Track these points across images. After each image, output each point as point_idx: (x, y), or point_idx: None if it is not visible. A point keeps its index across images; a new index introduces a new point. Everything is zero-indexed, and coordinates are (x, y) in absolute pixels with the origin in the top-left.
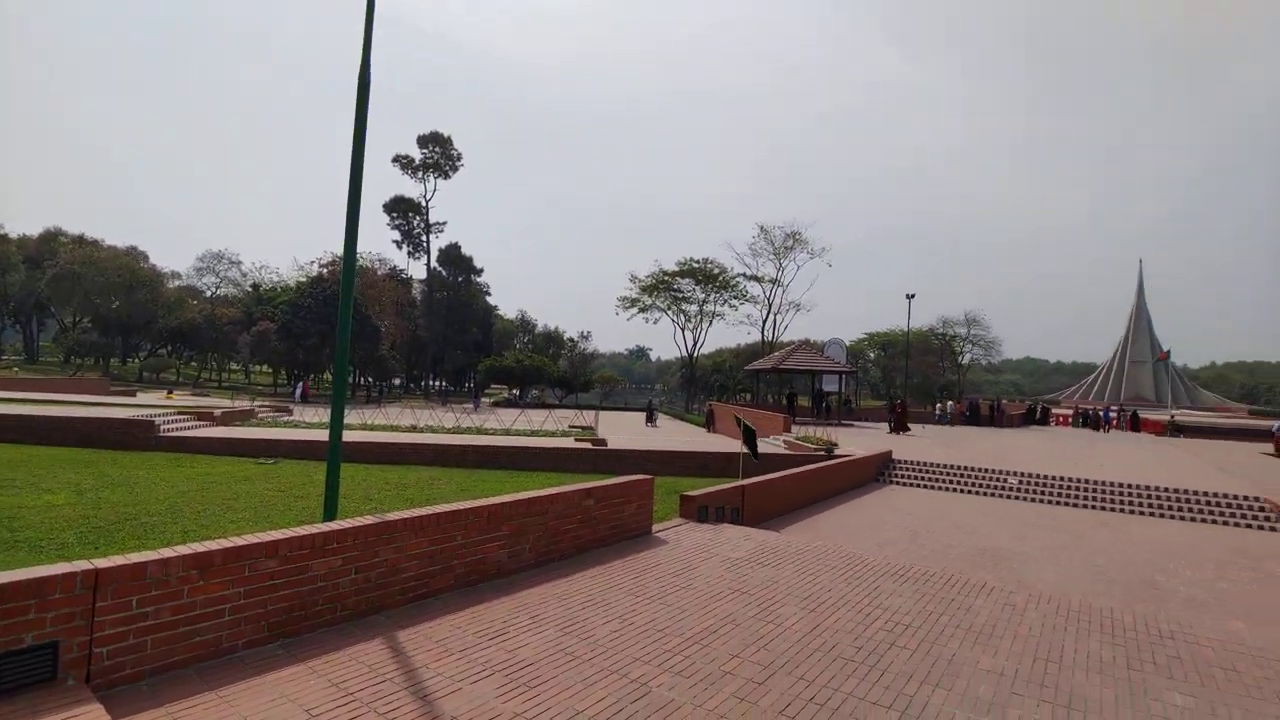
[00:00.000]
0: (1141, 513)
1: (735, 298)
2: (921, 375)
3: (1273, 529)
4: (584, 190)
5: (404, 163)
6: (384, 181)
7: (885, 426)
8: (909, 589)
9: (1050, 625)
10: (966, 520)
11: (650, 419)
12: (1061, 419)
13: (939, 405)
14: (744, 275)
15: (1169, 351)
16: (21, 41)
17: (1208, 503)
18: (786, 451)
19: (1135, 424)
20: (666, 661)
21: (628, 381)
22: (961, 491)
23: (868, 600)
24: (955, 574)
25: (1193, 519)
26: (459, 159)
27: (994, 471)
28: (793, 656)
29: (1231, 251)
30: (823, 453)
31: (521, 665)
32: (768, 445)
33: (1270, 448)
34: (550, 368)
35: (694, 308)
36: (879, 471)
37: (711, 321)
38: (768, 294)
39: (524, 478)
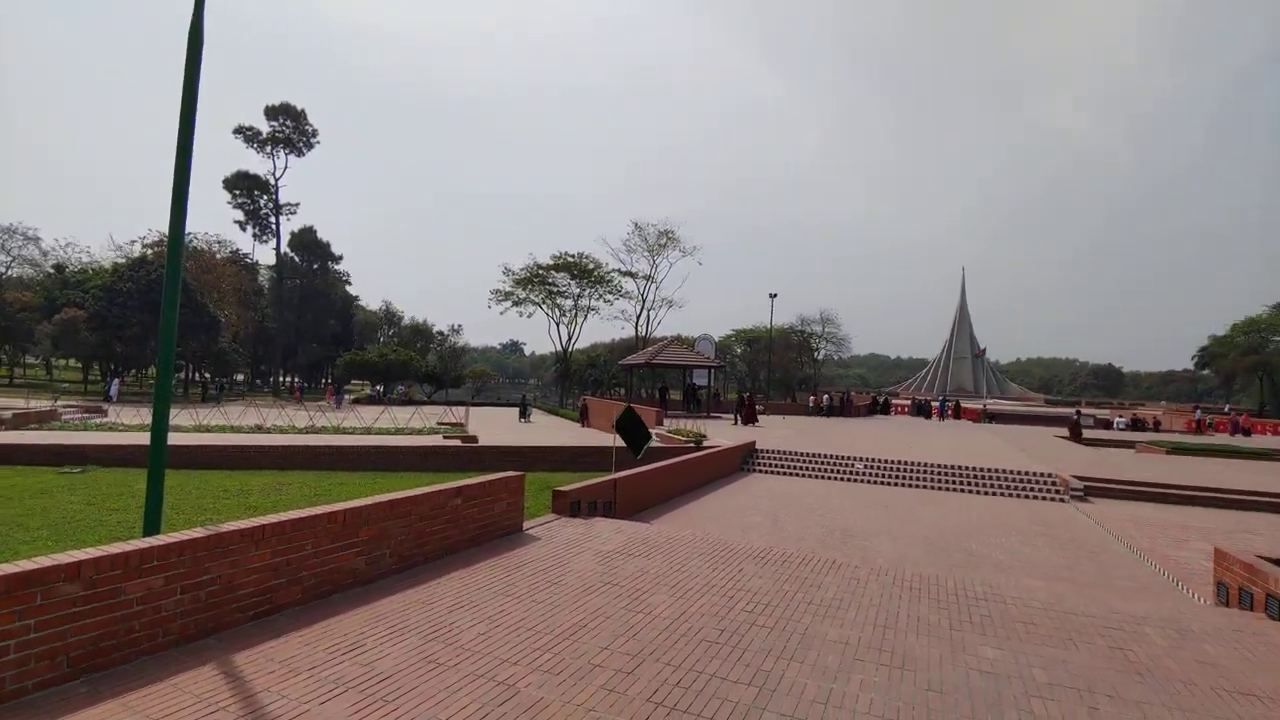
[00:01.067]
0: (962, 490)
1: (610, 293)
2: (783, 370)
3: (1062, 500)
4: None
5: (249, 135)
6: (227, 156)
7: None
8: (768, 570)
9: (887, 595)
10: (820, 503)
11: (524, 415)
12: (900, 408)
13: (813, 397)
14: (619, 271)
15: (984, 349)
16: None
17: (1012, 479)
18: (659, 444)
19: (957, 412)
20: (536, 660)
21: (501, 376)
22: (816, 477)
23: (731, 583)
24: (809, 554)
25: (1001, 494)
26: (314, 135)
27: (844, 458)
28: (660, 644)
29: (1033, 263)
30: (693, 445)
31: (379, 679)
32: None
33: (1064, 431)
34: (418, 362)
35: (569, 302)
36: (744, 461)
37: (586, 316)
38: (642, 290)
39: (387, 479)
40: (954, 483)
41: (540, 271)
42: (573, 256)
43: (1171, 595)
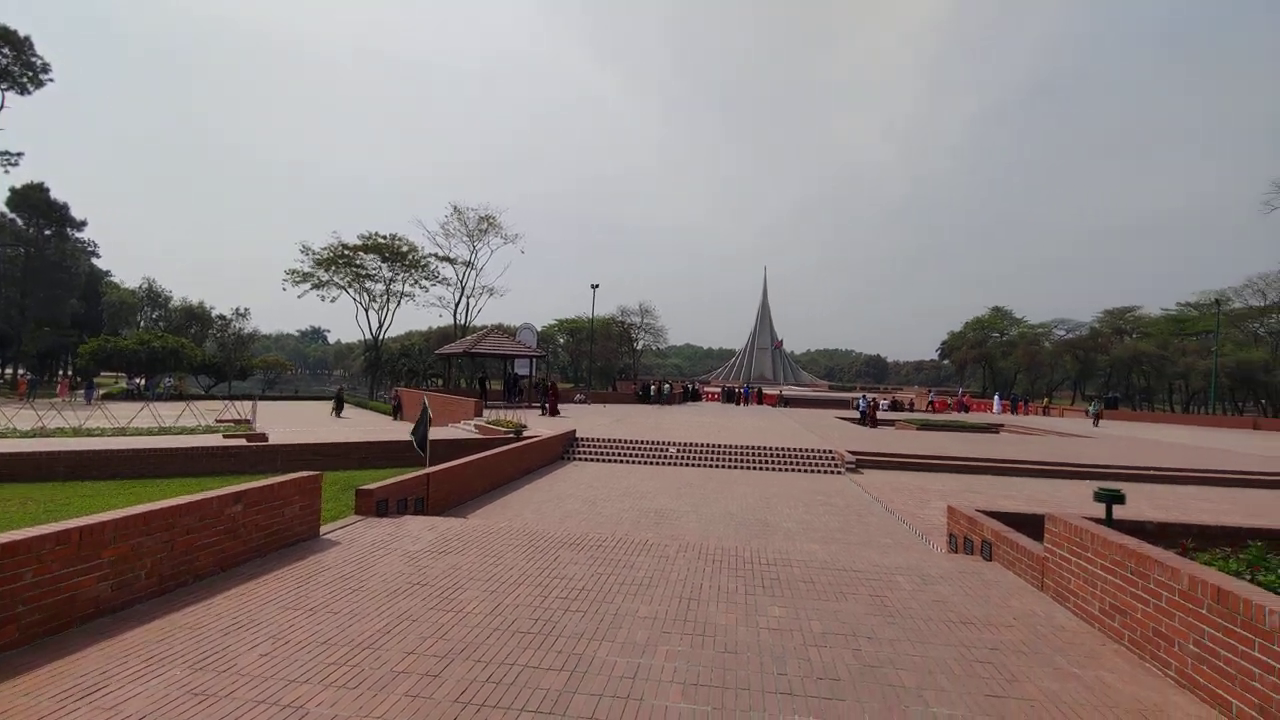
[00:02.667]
0: (761, 468)
1: (426, 278)
2: (604, 359)
3: (840, 473)
4: (244, 141)
5: None
6: None
7: (575, 408)
8: (584, 556)
9: (693, 569)
10: (637, 487)
11: (338, 409)
12: (711, 395)
13: (646, 385)
14: (436, 255)
15: (782, 341)
16: None
17: (801, 457)
18: (478, 436)
19: (760, 398)
20: (330, 675)
21: (300, 367)
22: (634, 462)
23: (547, 572)
24: (625, 536)
25: (793, 470)
26: (43, 70)
27: (658, 443)
28: (472, 641)
29: (823, 264)
30: (512, 435)
31: None
32: (459, 430)
33: (845, 413)
34: (191, 351)
35: (379, 286)
36: (565, 449)
37: (400, 302)
38: (461, 276)
39: (148, 487)
40: (754, 462)
41: (346, 252)
42: (384, 238)
43: (918, 547)
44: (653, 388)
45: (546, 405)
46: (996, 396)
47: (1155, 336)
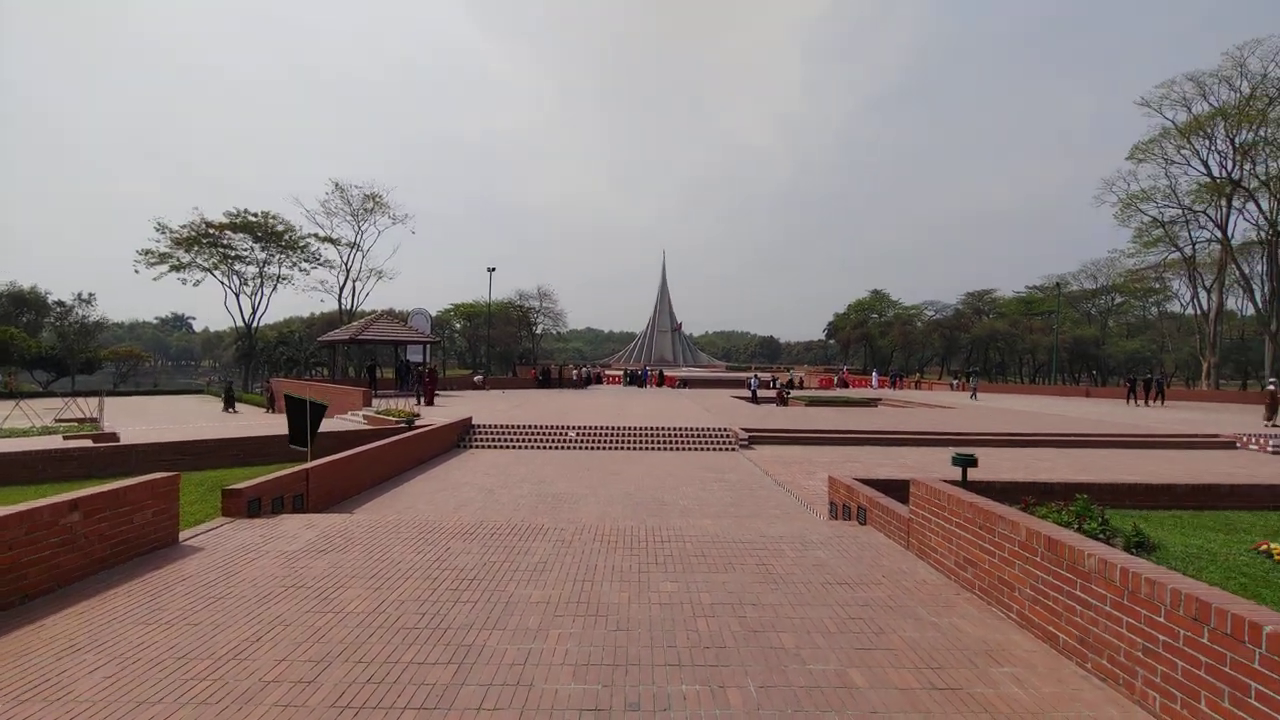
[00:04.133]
0: (659, 449)
1: (306, 260)
2: (503, 344)
3: (734, 449)
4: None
5: None
6: None
7: (473, 394)
8: (477, 545)
9: (590, 550)
10: (535, 472)
11: (229, 404)
12: (613, 378)
13: (553, 368)
14: (316, 236)
15: (681, 324)
16: None
17: (698, 435)
18: (367, 427)
19: (660, 380)
20: (188, 692)
21: (159, 358)
22: (532, 448)
23: (437, 564)
24: (520, 522)
25: (690, 449)
26: None
27: (557, 427)
28: (352, 642)
29: (719, 247)
30: (404, 425)
31: None
32: (345, 421)
33: (741, 392)
34: (24, 341)
35: (252, 269)
36: (461, 437)
37: (276, 286)
38: (345, 258)
39: None
40: (653, 443)
41: (211, 231)
42: (255, 215)
43: (802, 516)
44: (585, 370)
45: (422, 394)
46: (875, 373)
47: (1008, 316)
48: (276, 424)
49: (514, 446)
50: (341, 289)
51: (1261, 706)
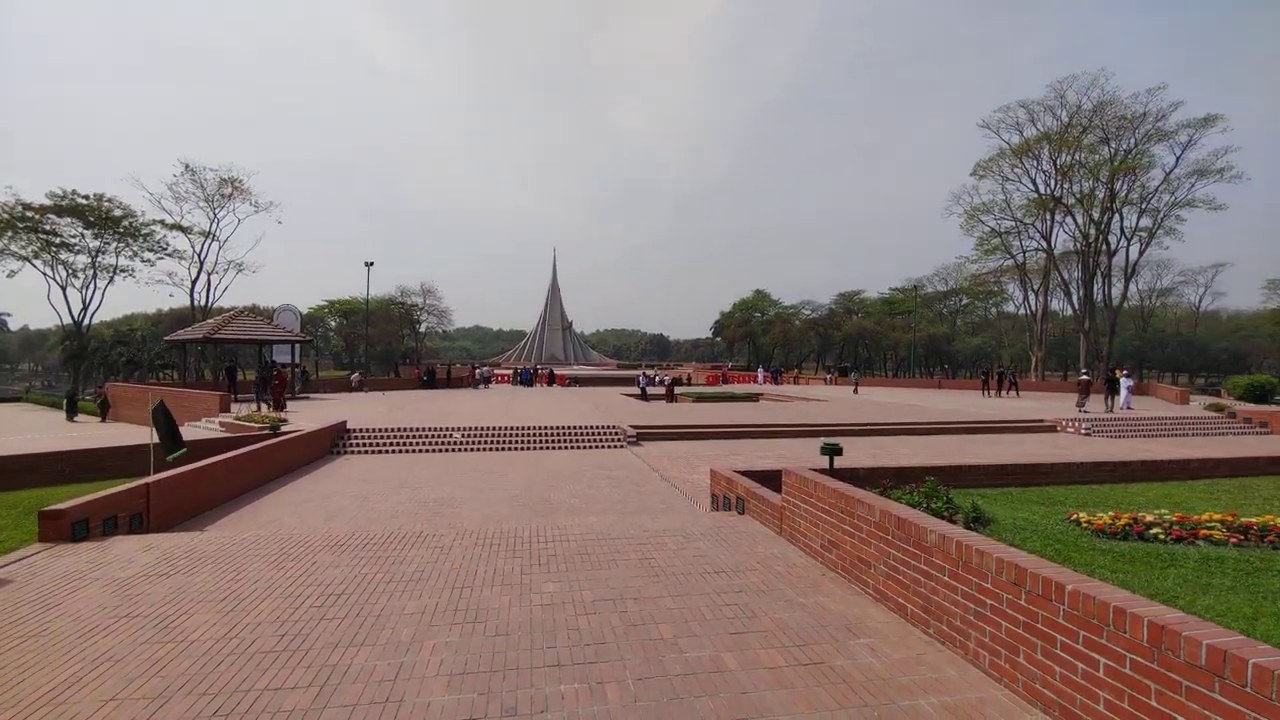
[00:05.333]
0: (548, 448)
1: (150, 250)
2: (384, 343)
3: (621, 447)
4: None
5: None
6: None
7: (349, 396)
8: (347, 558)
9: (470, 556)
10: (415, 477)
11: (72, 413)
12: (502, 378)
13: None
14: (163, 223)
15: (572, 322)
16: None
17: (587, 433)
18: (224, 434)
19: (551, 379)
20: None
21: None
22: (413, 451)
23: (301, 581)
24: (397, 531)
25: (579, 447)
26: None
27: (440, 429)
28: (197, 673)
29: (609, 245)
30: (268, 431)
31: None
32: (199, 429)
33: (632, 390)
34: None
35: (82, 258)
36: (334, 443)
37: (113, 279)
38: (198, 249)
39: None
40: (541, 442)
41: (29, 214)
42: (85, 198)
43: (686, 509)
44: (484, 371)
45: (268, 398)
46: (760, 369)
47: (874, 315)
48: (114, 435)
49: (393, 451)
50: (194, 283)
51: (1065, 656)
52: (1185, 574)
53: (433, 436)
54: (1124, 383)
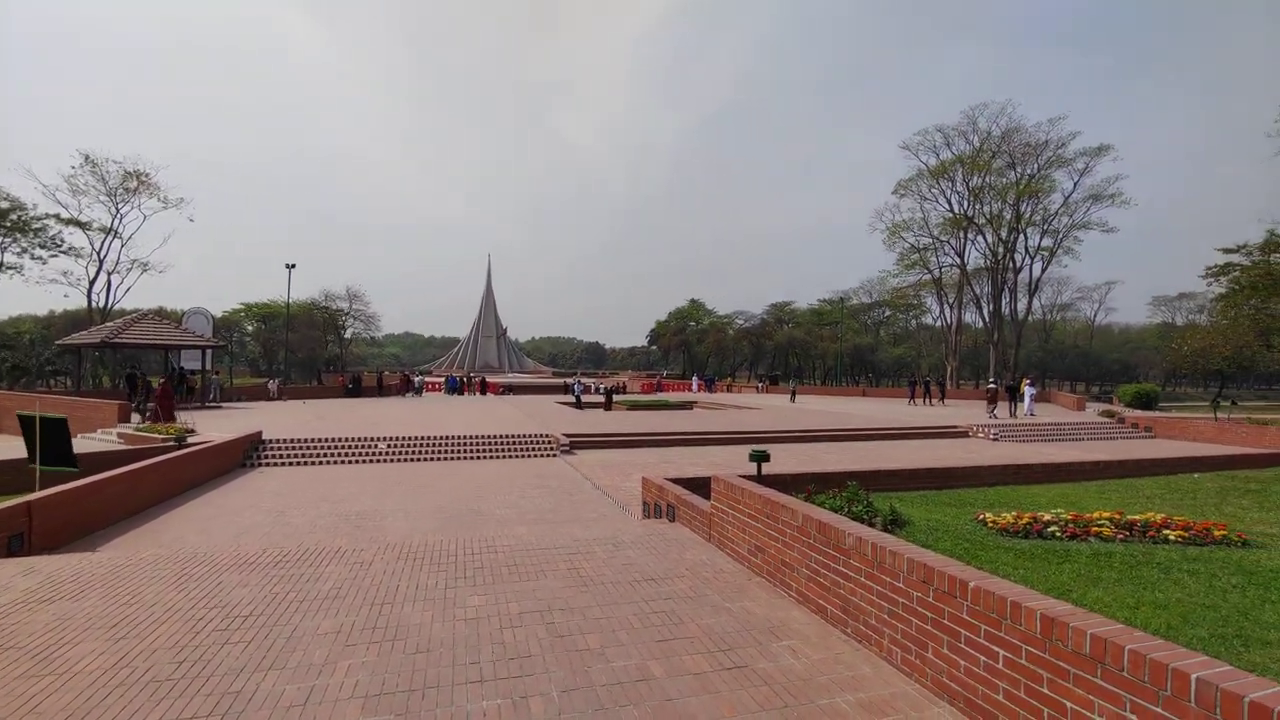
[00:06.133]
0: (479, 457)
1: (42, 246)
2: (307, 349)
3: (554, 455)
4: None
5: None
6: None
7: (266, 405)
8: (257, 577)
9: (392, 571)
10: (336, 490)
11: None
12: (434, 386)
13: (364, 376)
14: (58, 217)
15: (506, 329)
16: None
17: (520, 442)
18: (123, 446)
19: (484, 387)
20: None
21: None
22: (335, 463)
23: (204, 603)
24: (314, 546)
25: (511, 456)
26: None
27: (365, 439)
28: (80, 707)
29: (547, 253)
30: (174, 442)
31: None
32: (95, 441)
33: (567, 399)
34: None
35: None
36: (247, 454)
37: None
38: (98, 246)
39: None
40: (472, 452)
41: None
42: None
43: (618, 518)
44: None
45: (150, 409)
46: (695, 377)
47: (803, 325)
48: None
49: (313, 463)
50: (92, 283)
51: (969, 649)
52: (1079, 569)
53: (357, 447)
54: (1028, 391)
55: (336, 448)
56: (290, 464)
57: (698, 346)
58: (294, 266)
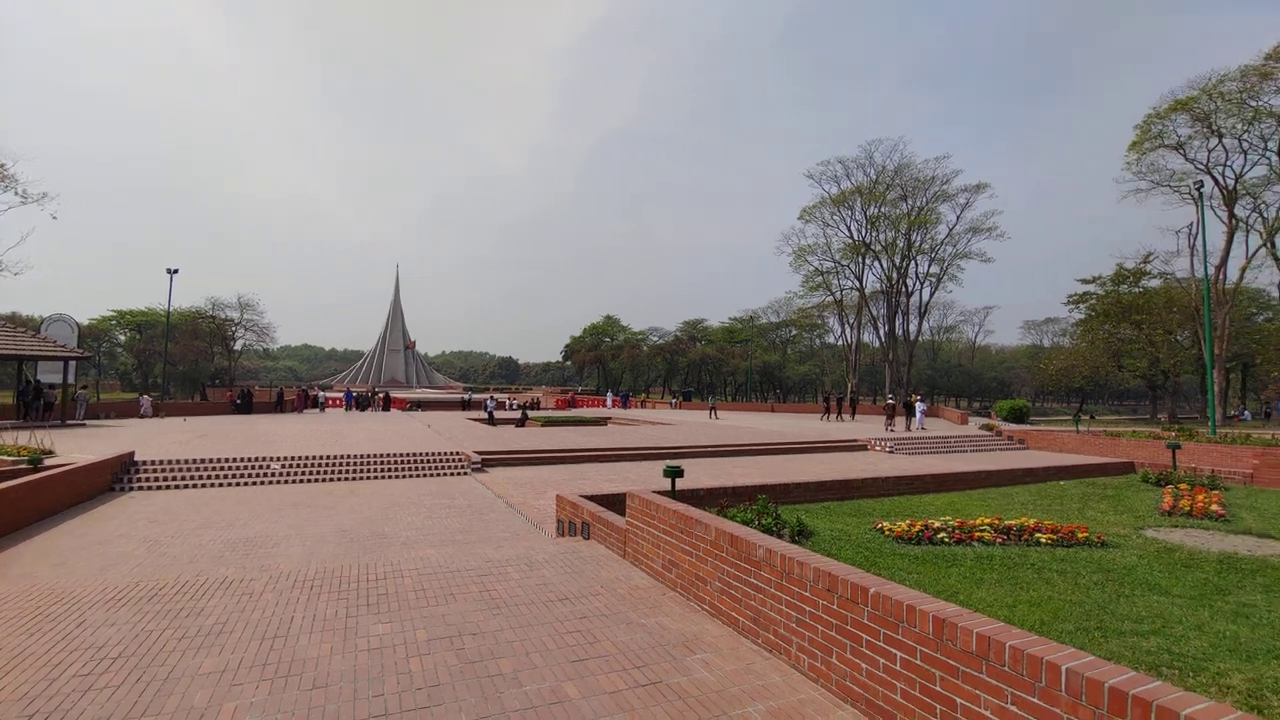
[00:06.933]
0: (383, 477)
1: None
2: (190, 362)
3: (465, 474)
4: None
5: None
6: None
7: (139, 423)
8: (128, 614)
9: (286, 601)
10: (222, 515)
11: None
12: (334, 401)
13: (250, 390)
14: None
15: (415, 342)
16: None
17: (429, 460)
18: None
19: (387, 403)
20: None
21: None
22: (222, 485)
23: (63, 645)
24: (195, 578)
25: (418, 475)
26: None
27: (257, 459)
28: None
29: (457, 265)
30: (27, 465)
31: None
32: None
33: (479, 415)
34: None
35: None
36: (117, 478)
37: None
38: None
39: None
40: (377, 471)
41: None
42: None
43: (532, 537)
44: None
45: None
46: (610, 393)
47: (716, 343)
48: None
49: (196, 486)
50: None
51: (869, 653)
52: (964, 571)
53: (247, 468)
54: (919, 406)
55: (223, 469)
56: (169, 487)
57: (613, 362)
58: (176, 272)
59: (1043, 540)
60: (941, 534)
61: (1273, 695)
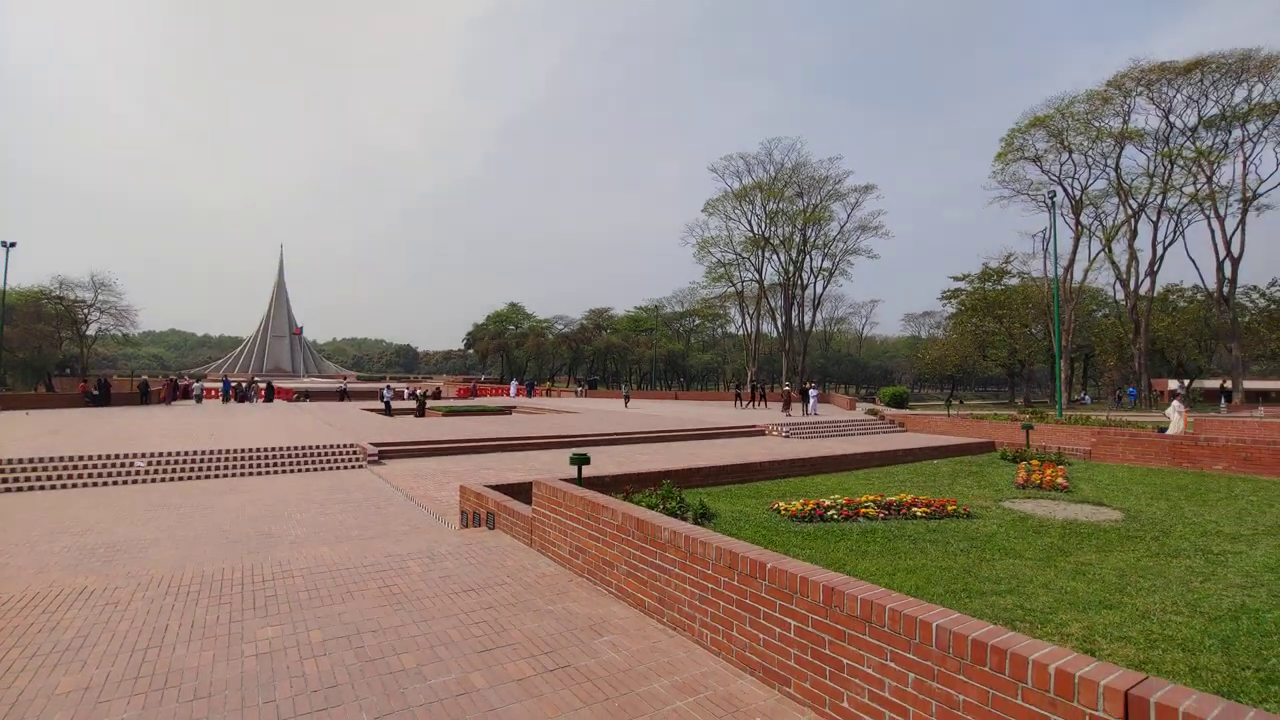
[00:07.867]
0: (267, 472)
1: None
2: (32, 348)
3: (360, 467)
4: None
5: None
6: None
7: None
8: None
9: (158, 609)
10: (78, 519)
11: None
12: (211, 392)
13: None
14: None
15: (302, 328)
16: None
17: (319, 454)
18: None
19: (269, 394)
20: None
21: None
22: (78, 486)
23: None
24: (47, 589)
25: (308, 469)
26: None
27: (119, 456)
28: None
29: (350, 247)
30: None
31: None
32: None
33: (374, 405)
34: None
35: None
36: None
37: None
38: None
39: None
40: (262, 466)
41: None
42: None
43: (434, 529)
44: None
45: None
46: (514, 381)
47: (621, 331)
48: None
49: (44, 487)
50: None
51: (766, 624)
52: (851, 545)
53: (107, 466)
54: (812, 393)
55: (78, 468)
56: (9, 490)
57: (517, 351)
58: (13, 245)
59: (918, 514)
60: (831, 511)
61: (1102, 639)
